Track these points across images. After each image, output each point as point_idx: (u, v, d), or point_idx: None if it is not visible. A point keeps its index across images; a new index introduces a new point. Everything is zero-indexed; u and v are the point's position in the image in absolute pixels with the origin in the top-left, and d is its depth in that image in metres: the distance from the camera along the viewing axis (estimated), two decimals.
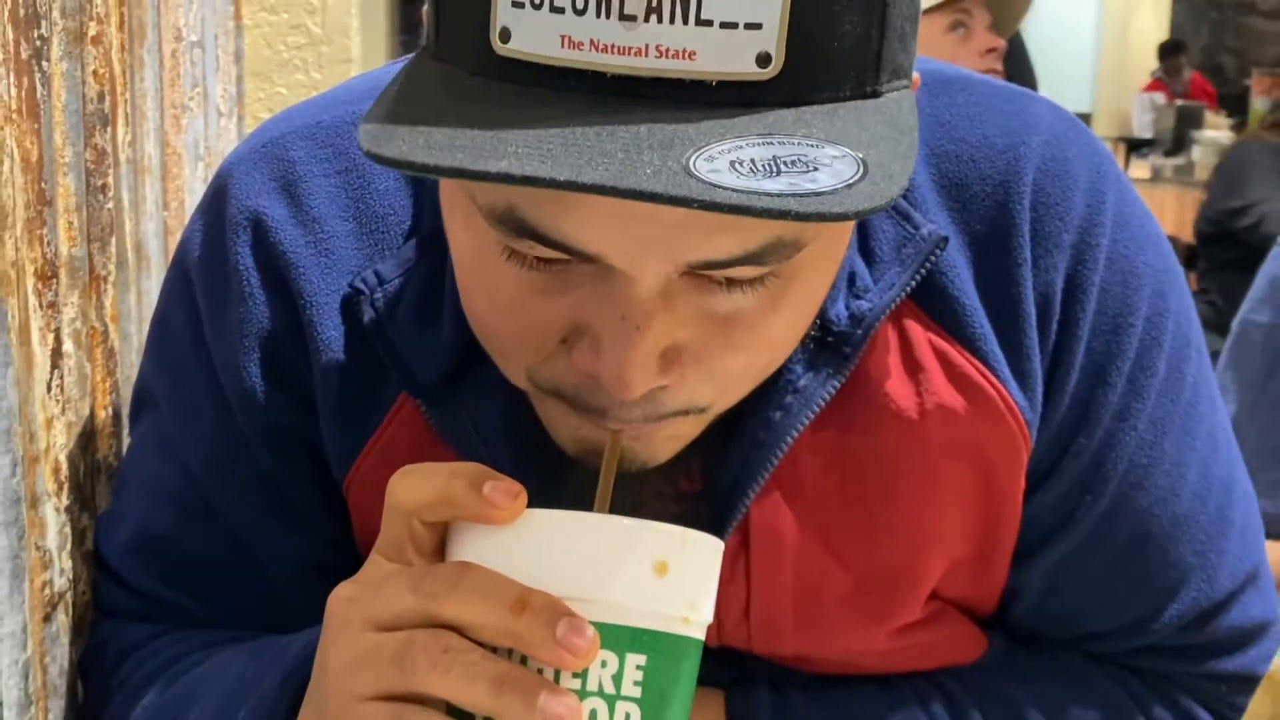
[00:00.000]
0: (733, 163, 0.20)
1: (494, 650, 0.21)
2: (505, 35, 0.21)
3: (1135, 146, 3.76)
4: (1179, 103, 3.79)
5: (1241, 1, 4.59)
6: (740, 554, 0.32)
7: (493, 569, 0.22)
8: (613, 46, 0.20)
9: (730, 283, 0.24)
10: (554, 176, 0.19)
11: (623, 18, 0.20)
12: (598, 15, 0.20)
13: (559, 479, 0.30)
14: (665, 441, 0.27)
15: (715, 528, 0.31)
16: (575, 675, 0.22)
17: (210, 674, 0.32)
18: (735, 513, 0.31)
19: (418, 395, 0.31)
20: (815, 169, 0.20)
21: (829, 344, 0.30)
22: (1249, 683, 0.36)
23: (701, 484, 0.32)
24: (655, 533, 0.23)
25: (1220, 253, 1.75)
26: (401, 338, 0.31)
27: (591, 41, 0.20)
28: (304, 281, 0.33)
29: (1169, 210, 2.63)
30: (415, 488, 0.23)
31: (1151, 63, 4.57)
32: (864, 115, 0.22)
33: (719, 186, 0.19)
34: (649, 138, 0.20)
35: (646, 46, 0.20)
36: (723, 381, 0.26)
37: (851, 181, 0.20)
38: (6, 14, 0.30)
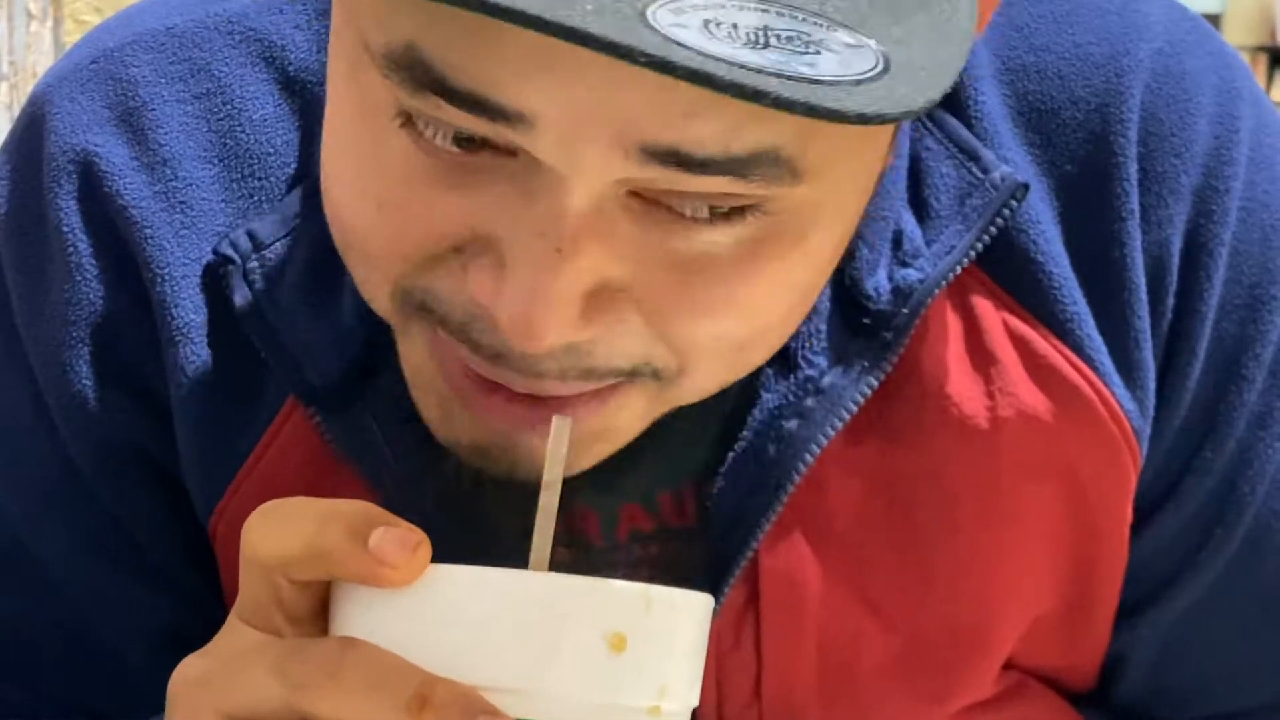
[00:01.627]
0: (707, 21, 0.16)
1: None
2: None
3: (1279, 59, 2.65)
4: None
5: None
6: (748, 612, 0.27)
7: (386, 647, 0.18)
8: None
9: (695, 217, 0.19)
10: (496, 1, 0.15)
11: None
12: None
13: (504, 508, 0.24)
14: (616, 413, 0.22)
15: (713, 577, 0.26)
16: None
17: None
18: (740, 557, 0.25)
19: (309, 400, 0.25)
20: (817, 52, 0.16)
21: (865, 327, 0.25)
22: None
23: (695, 517, 0.27)
24: (608, 595, 0.19)
25: None
26: (287, 322, 0.25)
27: None
28: (152, 245, 0.26)
29: None
30: (277, 536, 0.19)
31: None
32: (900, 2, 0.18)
33: (678, 44, 0.15)
34: None
35: None
36: (682, 348, 0.21)
37: (861, 77, 0.16)
38: None
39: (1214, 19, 2.65)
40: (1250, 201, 0.26)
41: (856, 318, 0.25)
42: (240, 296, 0.25)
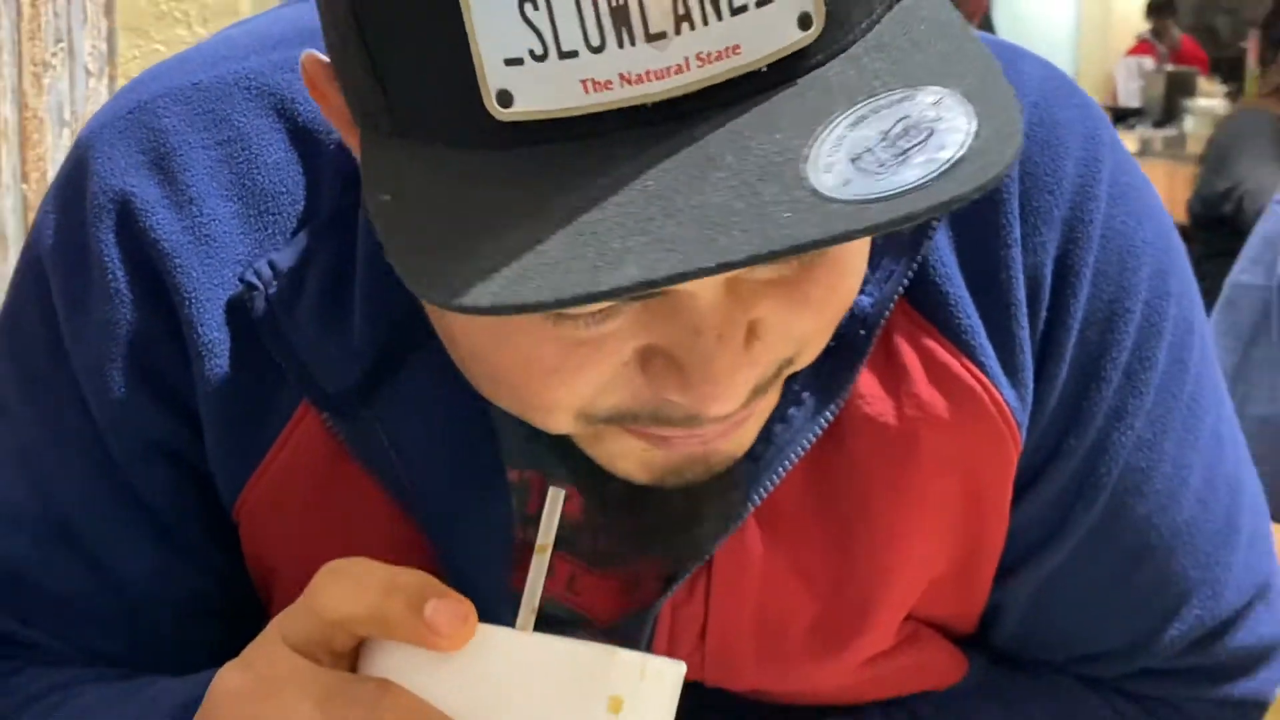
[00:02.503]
0: (853, 160, 0.17)
1: None
2: (505, 99, 0.18)
3: (1121, 116, 3.33)
4: (1169, 68, 3.50)
5: None
6: (702, 576, 0.29)
7: (418, 694, 0.19)
8: (648, 74, 0.18)
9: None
10: (699, 265, 0.16)
11: (650, 39, 0.17)
12: (620, 45, 0.17)
13: (490, 504, 0.28)
14: (754, 425, 0.25)
15: (681, 555, 0.29)
16: None
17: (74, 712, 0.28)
18: (717, 542, 0.28)
19: (324, 407, 0.28)
20: (933, 132, 0.18)
21: (832, 349, 0.26)
22: (1259, 708, 0.33)
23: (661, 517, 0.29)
24: (613, 661, 0.20)
25: (1215, 238, 1.60)
26: (304, 340, 0.28)
27: (621, 76, 0.18)
28: (181, 274, 0.29)
29: (1158, 188, 2.53)
30: (344, 598, 0.20)
31: (1137, 25, 4.24)
32: (909, 28, 0.20)
33: (866, 202, 0.17)
34: (747, 168, 0.18)
35: (686, 60, 0.18)
36: (804, 338, 0.24)
37: (978, 131, 0.18)
38: None
39: None
40: (1109, 230, 0.29)
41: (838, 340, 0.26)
42: (262, 317, 0.28)
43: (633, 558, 0.31)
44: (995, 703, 0.33)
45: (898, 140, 0.18)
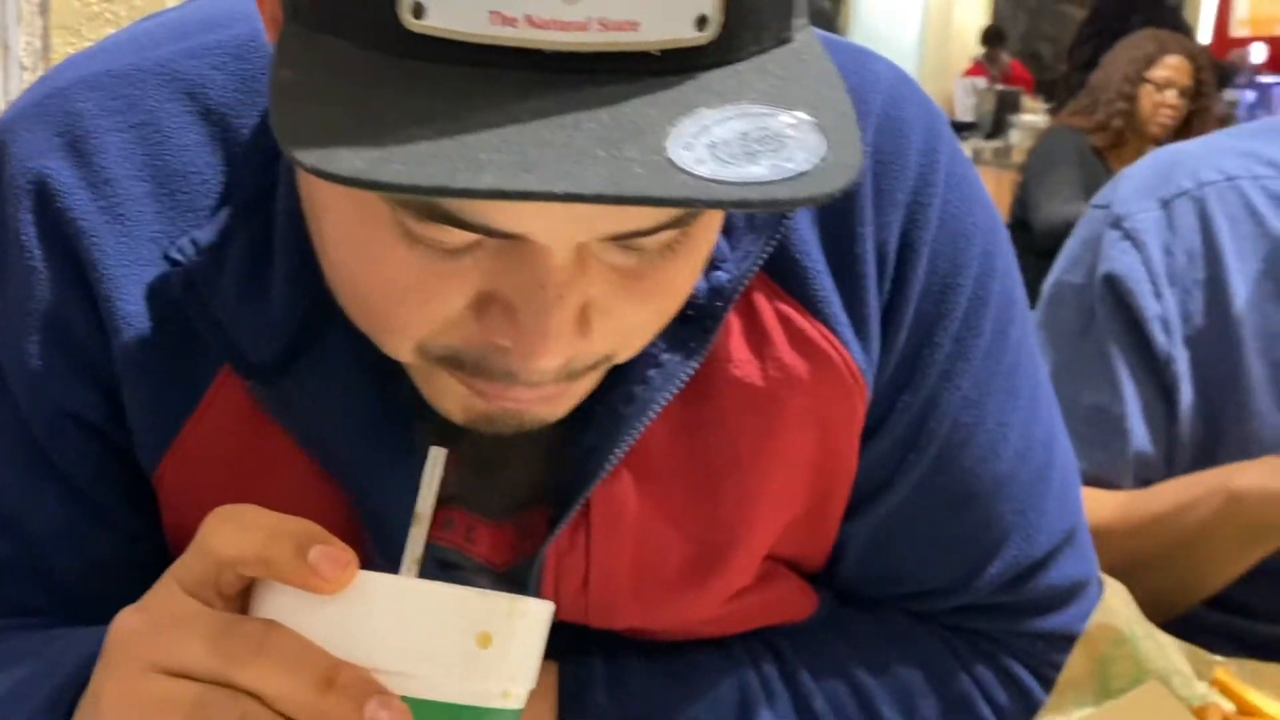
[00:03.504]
0: (710, 146, 0.20)
1: None
2: (418, 10, 0.19)
3: (957, 129, 4.28)
4: (998, 88, 3.98)
5: None
6: (581, 525, 0.32)
7: (301, 633, 0.20)
8: (552, 22, 0.19)
9: (641, 241, 0.23)
10: (549, 189, 0.18)
11: None
12: None
13: (401, 467, 0.29)
14: (569, 400, 0.27)
15: (562, 505, 0.31)
16: None
17: None
18: (586, 490, 0.30)
19: (247, 375, 0.29)
20: (785, 145, 0.20)
21: (690, 318, 0.30)
22: (1067, 641, 0.37)
23: (546, 462, 0.32)
24: (481, 602, 0.22)
25: (1034, 237, 1.77)
26: (227, 313, 0.29)
27: (528, 18, 0.19)
28: (97, 251, 0.30)
29: (991, 185, 2.92)
30: (233, 540, 0.21)
31: (973, 49, 4.91)
32: (791, 67, 0.22)
33: (712, 181, 0.19)
34: (617, 127, 0.19)
35: (589, 20, 0.19)
36: (628, 334, 0.26)
37: (825, 156, 0.20)
38: None
39: None
40: (945, 213, 0.33)
41: (683, 311, 0.29)
42: (186, 291, 0.29)
43: (517, 510, 0.33)
44: (841, 638, 0.37)
45: (753, 143, 0.20)
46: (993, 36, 4.81)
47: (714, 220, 0.26)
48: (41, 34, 0.79)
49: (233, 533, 0.21)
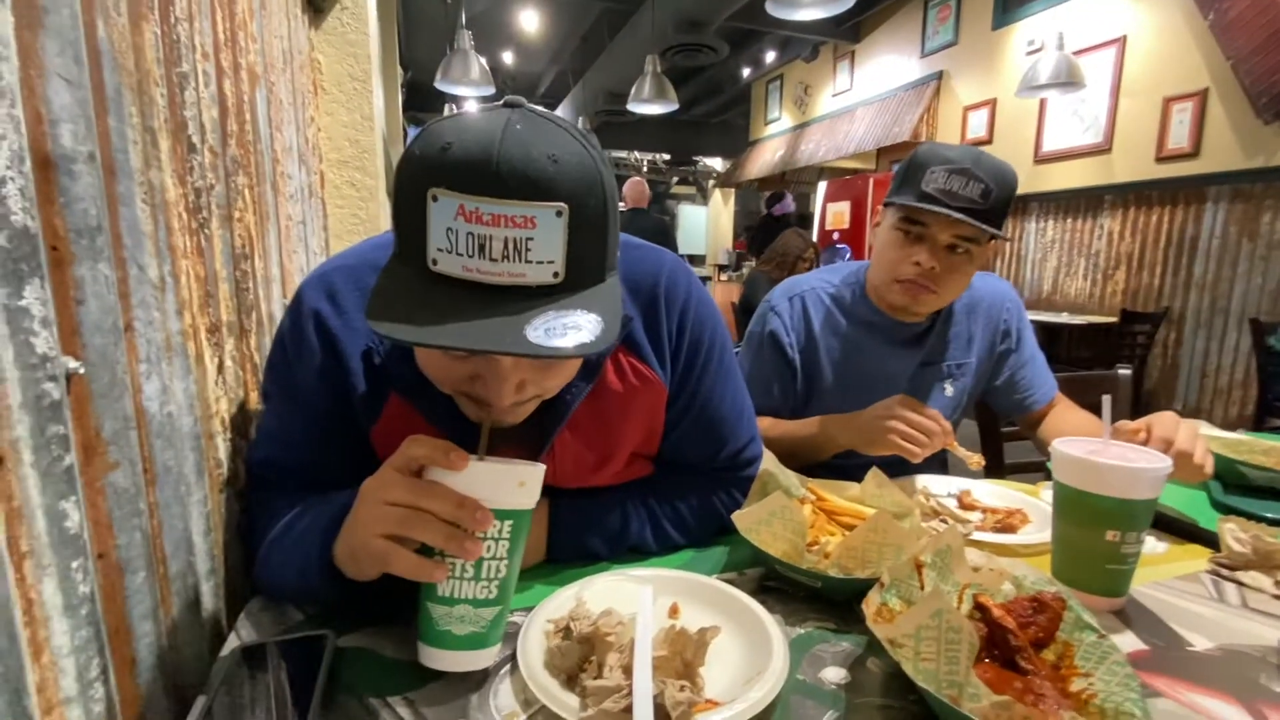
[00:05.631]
0: (546, 329, 0.43)
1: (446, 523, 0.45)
2: (434, 262, 0.44)
3: (722, 268, 8.72)
4: (736, 251, 9.09)
5: (757, 210, 9.79)
6: (549, 453, 0.70)
7: (447, 485, 0.45)
8: (489, 273, 0.43)
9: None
10: (472, 346, 0.41)
11: (491, 260, 0.43)
12: (480, 258, 0.43)
13: (469, 429, 0.60)
14: (521, 414, 0.59)
15: (539, 448, 0.70)
16: (480, 534, 0.45)
17: (307, 506, 0.63)
18: (551, 440, 0.70)
19: (406, 395, 0.66)
20: (581, 329, 0.42)
21: (589, 366, 0.67)
22: (751, 478, 0.87)
23: (530, 431, 0.70)
24: (519, 467, 0.46)
25: (747, 318, 3.55)
26: (396, 370, 0.66)
27: (478, 269, 0.43)
28: (339, 343, 0.64)
29: (727, 293, 5.91)
30: (419, 448, 0.48)
31: (728, 236, 10.87)
32: (601, 293, 0.47)
33: (540, 345, 0.42)
34: (509, 322, 0.42)
35: (505, 272, 0.44)
36: (544, 390, 0.57)
37: (598, 334, 0.44)
38: (183, 207, 0.64)
39: (701, 256, 10.93)
40: (695, 313, 0.76)
41: (586, 363, 0.64)
42: (379, 361, 0.64)
43: (518, 450, 0.71)
44: (665, 480, 0.81)
45: (567, 327, 0.42)
46: (744, 228, 9.78)
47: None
48: (324, 237, 1.35)
49: (415, 446, 0.47)
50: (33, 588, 0.38)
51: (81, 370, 0.43)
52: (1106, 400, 0.76)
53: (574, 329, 0.44)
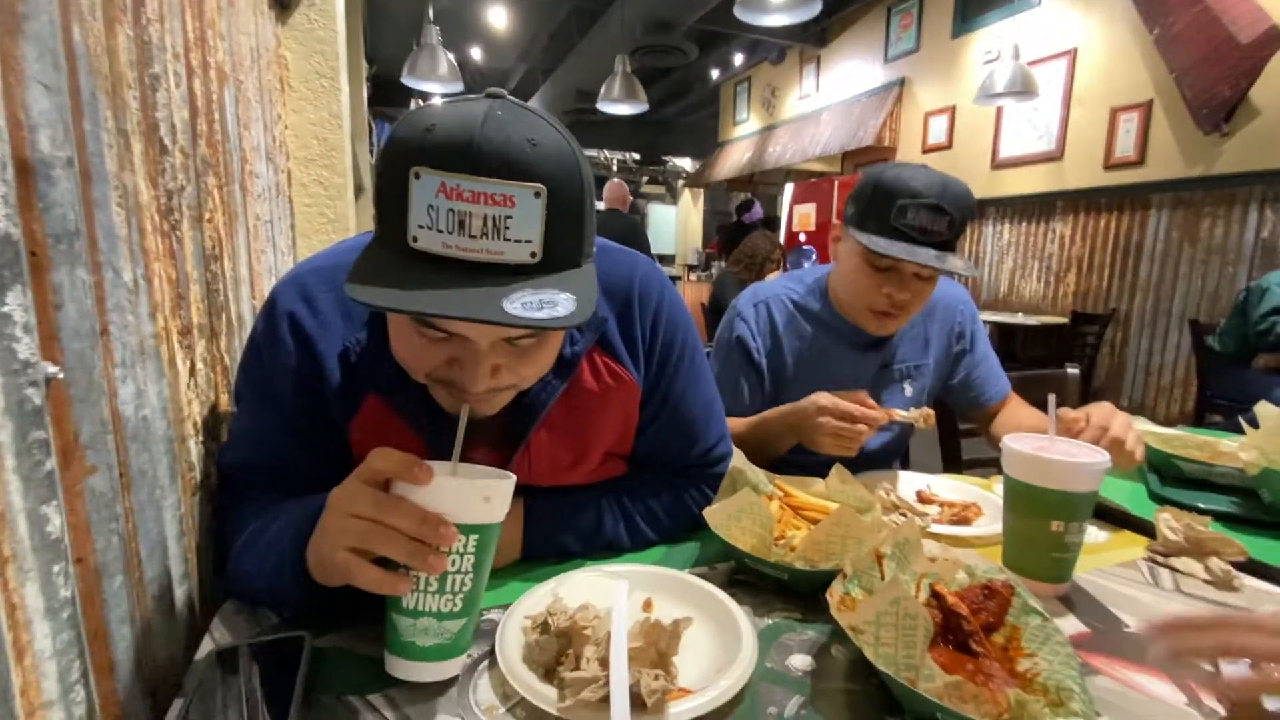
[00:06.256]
0: (523, 303, 0.45)
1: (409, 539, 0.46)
2: (414, 240, 0.46)
3: (693, 268, 8.79)
4: (708, 251, 8.90)
5: (726, 211, 10.75)
6: (525, 451, 0.74)
7: (412, 500, 0.46)
8: (468, 249, 0.45)
9: (520, 341, 0.56)
10: (450, 313, 0.43)
11: (470, 237, 0.45)
12: (460, 235, 0.45)
13: (445, 426, 0.68)
14: (496, 404, 0.65)
15: (512, 446, 0.73)
16: (446, 550, 0.45)
17: (280, 509, 0.68)
18: (526, 437, 0.75)
19: (381, 393, 0.69)
20: (556, 305, 0.46)
21: (564, 362, 0.71)
22: (720, 476, 0.91)
23: (506, 428, 0.75)
24: (486, 480, 0.46)
25: (717, 319, 3.67)
26: (370, 368, 0.69)
27: (458, 246, 0.45)
28: (315, 344, 0.67)
29: (697, 294, 5.89)
30: (381, 462, 0.48)
31: (698, 236, 10.97)
32: (576, 277, 0.49)
33: (516, 315, 0.44)
34: (488, 293, 0.45)
35: (483, 249, 0.45)
36: (520, 378, 0.61)
37: (572, 310, 0.46)
38: (155, 209, 0.63)
39: (671, 256, 11.07)
40: (669, 315, 0.80)
41: (560, 361, 0.67)
42: (355, 360, 0.67)
43: (494, 448, 0.77)
44: (637, 478, 0.85)
45: (543, 303, 0.45)
46: (715, 230, 8.77)
47: (555, 336, 0.59)
48: (291, 238, 1.33)
49: (380, 459, 0.48)
50: (15, 592, 0.39)
51: (60, 375, 0.44)
52: (1053, 399, 0.81)
53: (550, 304, 0.45)
